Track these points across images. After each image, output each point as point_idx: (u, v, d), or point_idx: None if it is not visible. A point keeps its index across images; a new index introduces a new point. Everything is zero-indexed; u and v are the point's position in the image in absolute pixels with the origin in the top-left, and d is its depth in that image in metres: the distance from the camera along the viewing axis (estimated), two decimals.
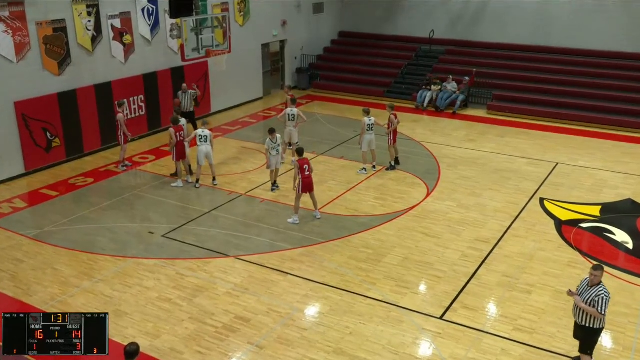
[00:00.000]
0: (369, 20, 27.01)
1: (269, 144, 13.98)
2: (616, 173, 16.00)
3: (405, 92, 23.55)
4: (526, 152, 17.59)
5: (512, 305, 9.98)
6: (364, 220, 13.15)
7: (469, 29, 24.89)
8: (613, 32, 22.20)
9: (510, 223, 12.97)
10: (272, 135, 14.06)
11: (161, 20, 18.70)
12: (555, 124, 20.48)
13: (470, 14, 24.80)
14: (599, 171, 16.15)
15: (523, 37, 23.76)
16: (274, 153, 14.11)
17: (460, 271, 11.02)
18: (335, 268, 11.15)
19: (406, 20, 26.18)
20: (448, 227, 12.78)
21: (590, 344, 8.07)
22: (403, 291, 10.38)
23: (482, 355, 8.72)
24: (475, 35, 24.79)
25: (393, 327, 9.36)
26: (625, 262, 11.50)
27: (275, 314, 9.72)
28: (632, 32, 21.96)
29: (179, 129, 14.56)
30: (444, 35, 25.18)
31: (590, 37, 22.57)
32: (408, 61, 25.35)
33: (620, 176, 15.80)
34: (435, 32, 24.99)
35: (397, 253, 11.69)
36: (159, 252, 11.75)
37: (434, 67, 24.50)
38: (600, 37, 22.41)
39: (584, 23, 22.57)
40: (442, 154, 17.40)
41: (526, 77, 22.79)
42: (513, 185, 15.10)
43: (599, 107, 20.75)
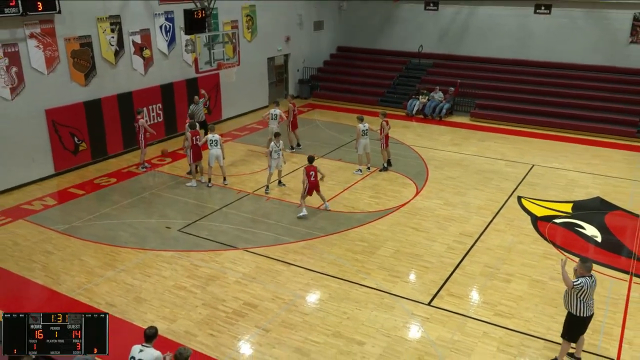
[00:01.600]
0: (364, 36, 26.99)
1: (273, 146, 13.98)
2: (586, 174, 16.00)
3: (397, 101, 23.52)
4: (505, 155, 17.58)
5: (493, 293, 9.98)
6: (360, 216, 13.15)
7: (455, 44, 24.86)
8: (585, 47, 22.19)
9: (491, 219, 12.98)
10: (277, 138, 14.06)
11: (177, 36, 18.69)
12: (531, 130, 20.48)
13: (455, 31, 24.77)
14: (571, 172, 16.15)
15: (504, 51, 23.72)
16: (275, 156, 14.10)
17: (447, 262, 11.03)
18: (334, 259, 11.15)
19: (398, 35, 26.15)
20: (435, 223, 12.78)
21: (569, 330, 7.93)
22: (395, 280, 10.39)
23: (466, 337, 8.73)
24: (460, 49, 24.76)
25: (386, 313, 9.37)
26: (595, 254, 11.50)
27: (279, 301, 9.73)
28: (601, 47, 21.97)
29: (195, 134, 14.57)
30: (432, 49, 25.16)
31: (564, 51, 22.55)
32: (399, 73, 25.33)
33: (590, 176, 15.80)
34: (424, 46, 24.98)
35: (389, 246, 11.69)
36: (175, 245, 11.76)
37: (423, 78, 24.47)
38: (573, 51, 22.39)
39: (560, 38, 22.55)
40: (430, 156, 17.39)
41: (506, 88, 22.77)
42: (494, 184, 15.10)
43: (572, 114, 20.74)
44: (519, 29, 23.28)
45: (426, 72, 24.93)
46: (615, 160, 17.28)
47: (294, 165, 16.31)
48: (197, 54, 15.85)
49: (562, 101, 21.39)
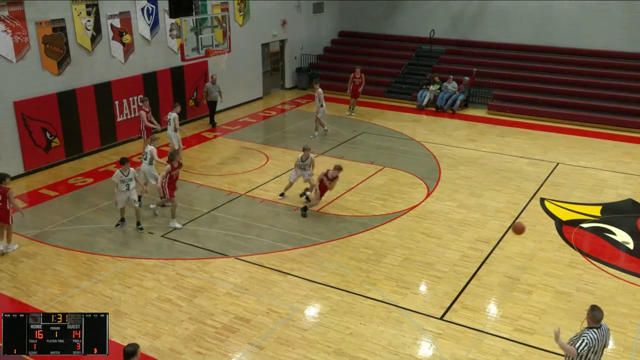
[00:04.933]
0: (369, 20, 27.01)
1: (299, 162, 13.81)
2: (617, 173, 16.00)
3: (406, 92, 23.54)
4: (527, 152, 17.58)
5: (512, 306, 9.97)
6: (364, 220, 13.14)
7: (469, 28, 24.89)
8: (615, 32, 22.19)
9: (511, 223, 12.95)
10: (305, 153, 13.85)
11: (161, 19, 18.70)
12: (555, 124, 20.48)
13: (470, 14, 24.79)
14: (600, 171, 16.14)
15: (524, 36, 23.75)
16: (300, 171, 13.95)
17: (461, 271, 11.02)
18: (335, 268, 11.14)
19: (406, 19, 26.18)
20: (449, 227, 12.77)
21: None
22: (403, 291, 10.38)
23: (483, 355, 8.72)
24: (475, 35, 24.78)
25: (393, 328, 9.35)
26: (626, 262, 11.49)
27: (275, 314, 9.71)
28: (634, 32, 21.95)
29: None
30: (445, 35, 25.17)
31: (592, 37, 22.56)
32: (408, 61, 25.36)
33: (621, 176, 15.79)
34: (436, 31, 24.97)
35: (397, 253, 11.68)
36: (158, 253, 11.74)
37: (434, 66, 24.49)
38: (602, 37, 22.40)
39: (586, 23, 22.56)
40: (442, 153, 17.40)
41: (526, 77, 22.79)
42: (514, 185, 15.10)
43: (600, 107, 20.75)
44: (540, 12, 23.28)
45: (438, 59, 24.95)
46: None
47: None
48: (183, 39, 15.84)
49: (589, 92, 21.39)
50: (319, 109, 18.50)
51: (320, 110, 18.51)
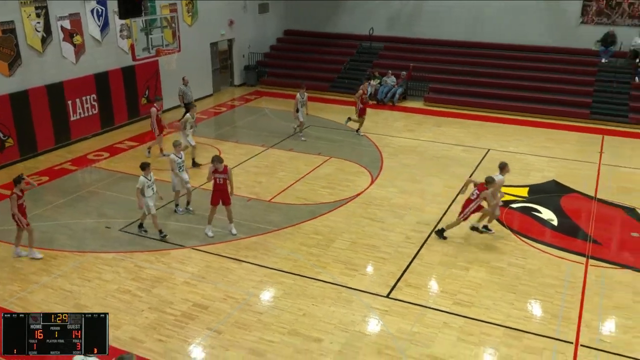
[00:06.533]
0: (312, 19, 26.98)
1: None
2: (541, 157, 16.58)
3: (349, 86, 23.67)
4: (461, 140, 17.99)
5: (451, 282, 10.23)
6: (313, 208, 13.20)
7: (406, 26, 25.20)
8: (536, 28, 22.94)
9: (448, 206, 13.27)
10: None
11: (110, 20, 18.16)
12: (486, 114, 21.03)
13: (407, 13, 25.10)
14: (526, 156, 16.69)
15: (455, 33, 24.23)
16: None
17: (404, 252, 11.22)
18: (288, 254, 11.17)
19: (347, 18, 26.29)
20: (392, 212, 12.97)
21: None
22: (352, 273, 10.50)
23: (426, 328, 8.93)
24: (411, 32, 25.11)
25: (343, 307, 9.46)
26: (551, 237, 11.95)
27: (232, 300, 9.68)
28: (553, 28, 22.78)
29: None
30: (383, 32, 25.42)
31: (516, 33, 23.24)
32: (350, 57, 25.50)
33: (545, 159, 16.37)
34: (375, 29, 25.22)
35: (345, 238, 11.80)
36: (116, 246, 11.49)
37: (374, 62, 24.71)
38: (524, 33, 23.11)
39: (511, 20, 23.22)
40: (384, 143, 17.61)
41: (459, 71, 23.28)
42: (450, 171, 15.44)
43: (526, 97, 21.41)
44: (470, 11, 23.80)
45: (378, 56, 25.19)
46: (570, 143, 17.97)
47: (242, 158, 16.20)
48: (133, 39, 15.48)
49: (516, 84, 22.05)
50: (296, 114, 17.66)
51: (296, 116, 17.72)
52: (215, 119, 20.74)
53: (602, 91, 21.00)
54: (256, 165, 15.84)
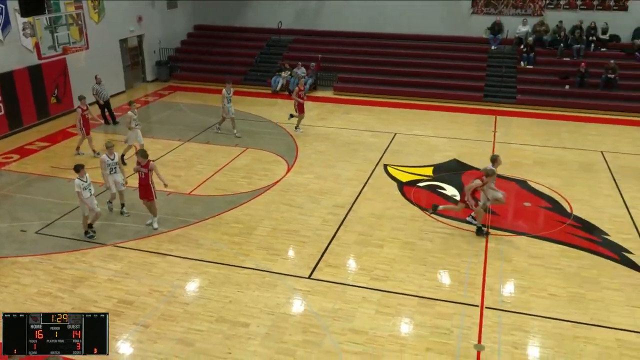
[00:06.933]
0: (222, 14, 26.49)
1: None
2: (443, 138, 17.25)
3: (261, 79, 23.52)
4: (369, 126, 18.37)
5: (368, 259, 10.48)
6: (233, 198, 13.06)
7: (313, 19, 25.33)
8: (432, 18, 23.75)
9: (361, 188, 13.54)
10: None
11: (12, 18, 16.93)
12: (392, 100, 21.57)
13: (313, 6, 25.20)
14: (430, 138, 17.31)
15: (360, 25, 24.64)
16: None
17: (323, 234, 11.36)
18: (211, 244, 11.00)
19: (256, 12, 26.04)
20: (309, 197, 13.07)
21: None
22: (274, 258, 10.51)
23: (346, 304, 9.11)
24: (318, 24, 25.28)
25: (268, 291, 9.47)
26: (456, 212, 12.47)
27: (157, 294, 9.42)
28: (447, 19, 23.69)
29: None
30: (292, 25, 25.42)
31: (414, 23, 23.96)
32: (261, 50, 25.29)
33: (446, 140, 17.06)
34: (283, 23, 25.14)
35: (265, 225, 11.77)
36: (34, 249, 10.85)
37: (284, 54, 24.65)
38: (422, 23, 23.87)
39: (410, 11, 23.88)
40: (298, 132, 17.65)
41: (365, 61, 23.70)
42: (361, 155, 15.74)
43: (426, 83, 22.15)
44: (372, 4, 24.23)
45: (287, 48, 25.14)
46: (467, 124, 18.80)
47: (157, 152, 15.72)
48: (37, 38, 14.55)
49: (417, 71, 22.75)
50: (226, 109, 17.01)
51: (224, 112, 17.06)
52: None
53: (493, 75, 22.10)
54: (174, 159, 15.43)
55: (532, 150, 16.21)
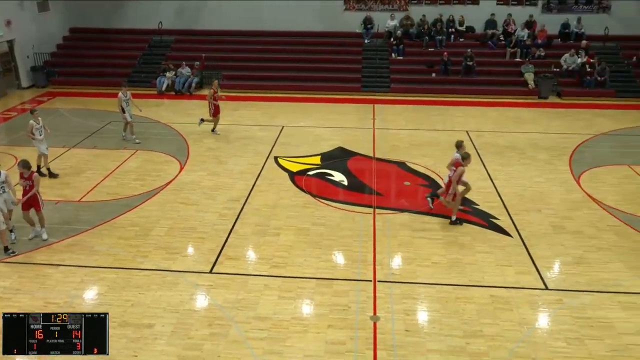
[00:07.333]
0: (98, 16, 24.93)
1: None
2: (327, 128, 17.62)
3: (145, 80, 22.53)
4: (258, 121, 18.31)
5: (266, 248, 10.50)
6: (127, 201, 12.45)
7: (193, 18, 24.66)
8: (309, 16, 24.07)
9: (254, 181, 13.49)
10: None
11: None
12: (277, 94, 21.63)
13: (192, 5, 24.51)
14: (315, 128, 17.60)
15: (240, 23, 24.38)
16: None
17: (220, 229, 11.19)
18: (107, 250, 10.43)
19: (135, 13, 24.82)
20: (204, 194, 12.80)
21: None
22: (174, 257, 10.20)
23: (249, 294, 9.08)
24: (199, 24, 24.68)
25: (170, 290, 9.18)
26: (344, 196, 12.85)
27: (53, 306, 8.77)
28: (322, 15, 24.14)
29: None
30: (172, 25, 24.58)
31: (292, 20, 24.13)
32: (143, 51, 24.22)
33: (330, 130, 17.44)
34: (164, 23, 24.25)
35: (162, 225, 11.37)
36: None
37: (167, 55, 23.80)
38: (300, 20, 24.10)
39: (287, 9, 23.98)
40: (188, 131, 17.19)
41: (248, 57, 23.51)
42: (251, 149, 15.66)
43: (308, 77, 22.47)
44: (252, 2, 24.05)
45: (170, 48, 24.31)
46: (348, 113, 19.35)
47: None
48: None
49: (298, 66, 22.98)
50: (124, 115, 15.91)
51: (124, 117, 15.95)
52: (6, 124, 18.28)
53: (369, 67, 22.88)
54: (60, 167, 14.38)
55: (407, 134, 17.05)
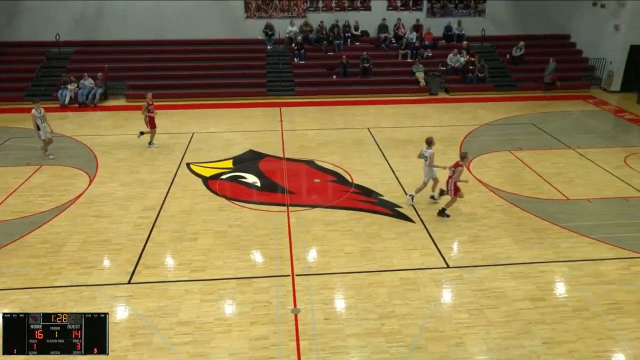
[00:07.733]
0: None
1: None
2: (237, 132, 17.44)
3: (46, 93, 21.04)
4: (167, 129, 17.72)
5: (185, 254, 10.23)
6: (34, 218, 11.61)
7: (93, 29, 23.36)
8: (211, 24, 23.64)
9: (168, 189, 13.08)
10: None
11: None
12: (184, 102, 21.08)
13: (90, 15, 23.21)
14: (225, 133, 17.36)
15: (143, 32, 23.44)
16: None
17: (136, 239, 10.75)
18: (16, 270, 9.67)
19: (30, 25, 23.08)
20: (116, 205, 12.22)
21: None
22: (89, 271, 9.65)
23: (171, 300, 8.81)
24: (100, 34, 23.42)
25: (88, 305, 8.69)
26: (258, 196, 12.80)
27: None
28: (224, 23, 23.80)
29: None
30: (71, 37, 23.11)
31: (195, 29, 23.59)
32: (40, 64, 22.60)
33: (240, 134, 17.28)
34: (62, 34, 22.78)
35: (74, 239, 10.72)
36: None
37: (68, 67, 22.39)
38: (202, 28, 23.62)
39: (190, 18, 23.42)
40: (95, 142, 16.31)
41: (153, 67, 22.70)
42: (163, 157, 15.16)
43: (214, 83, 22.10)
44: (150, 11, 23.24)
45: (70, 60, 22.89)
46: (256, 117, 19.26)
47: None
48: None
49: (204, 73, 22.53)
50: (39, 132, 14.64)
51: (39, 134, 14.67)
52: None
53: (273, 72, 22.88)
54: None
55: (314, 134, 17.27)
